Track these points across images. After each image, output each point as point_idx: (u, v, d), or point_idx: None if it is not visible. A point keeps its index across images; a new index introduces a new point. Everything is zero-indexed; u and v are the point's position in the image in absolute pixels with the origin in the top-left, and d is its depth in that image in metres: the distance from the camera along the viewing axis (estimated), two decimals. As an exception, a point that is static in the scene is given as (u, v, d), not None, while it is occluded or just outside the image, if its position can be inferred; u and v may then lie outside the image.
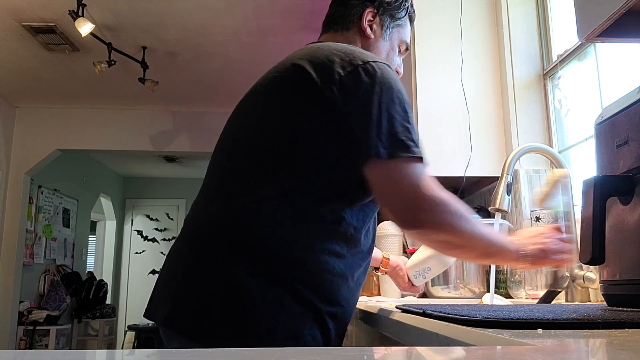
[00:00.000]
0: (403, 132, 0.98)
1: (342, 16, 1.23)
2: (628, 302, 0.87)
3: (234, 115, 1.16)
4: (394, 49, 1.26)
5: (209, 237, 1.01)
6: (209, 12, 3.64)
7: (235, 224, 0.99)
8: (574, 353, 0.50)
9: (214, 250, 0.99)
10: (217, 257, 0.98)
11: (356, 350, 0.61)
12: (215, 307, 0.94)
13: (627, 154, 0.87)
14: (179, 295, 0.99)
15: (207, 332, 0.93)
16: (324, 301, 0.98)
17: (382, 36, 1.23)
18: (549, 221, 1.88)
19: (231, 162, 1.08)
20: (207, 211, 1.06)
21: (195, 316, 0.95)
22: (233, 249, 0.97)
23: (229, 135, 1.13)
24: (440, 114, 2.22)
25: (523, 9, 2.28)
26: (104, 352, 1.68)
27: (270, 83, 1.10)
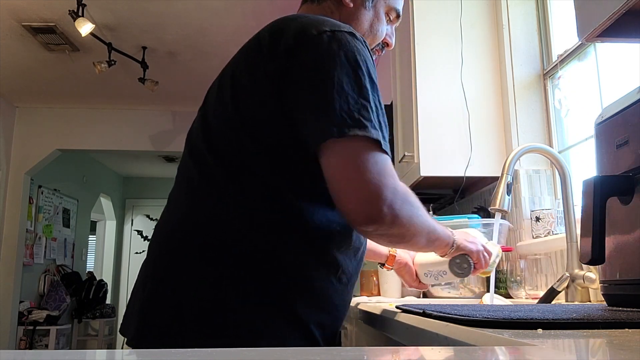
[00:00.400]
0: (359, 110, 0.84)
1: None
2: (628, 302, 0.87)
3: (204, 104, 1.07)
4: (379, 18, 1.11)
5: (179, 247, 0.92)
6: (209, 12, 3.64)
7: (208, 228, 0.90)
8: (574, 353, 0.50)
9: (186, 261, 0.90)
10: (190, 269, 0.89)
11: (356, 350, 0.61)
12: (188, 324, 0.86)
13: (627, 154, 0.87)
14: (146, 312, 0.91)
15: None
16: (311, 310, 0.90)
17: (363, 4, 1.09)
18: (550, 221, 1.88)
19: (198, 166, 0.97)
20: (178, 218, 0.96)
21: (164, 332, 0.87)
22: (207, 259, 0.88)
23: (198, 127, 1.02)
24: (440, 114, 2.21)
25: (523, 9, 2.28)
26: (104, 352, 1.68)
27: (234, 60, 1.01)
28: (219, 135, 0.94)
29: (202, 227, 0.91)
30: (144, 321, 0.91)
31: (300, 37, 0.89)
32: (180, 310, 0.87)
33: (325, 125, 0.83)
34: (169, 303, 0.89)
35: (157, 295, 0.91)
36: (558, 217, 1.85)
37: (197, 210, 0.93)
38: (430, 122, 2.21)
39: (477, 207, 2.27)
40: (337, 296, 0.95)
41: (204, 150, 0.96)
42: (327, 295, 0.93)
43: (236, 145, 0.91)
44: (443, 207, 2.80)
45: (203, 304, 0.86)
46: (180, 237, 0.93)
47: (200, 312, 0.86)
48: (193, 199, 0.95)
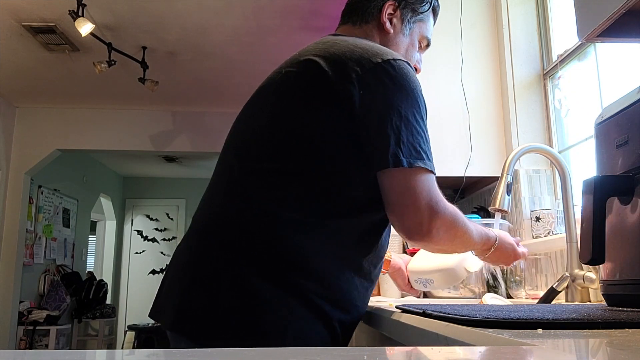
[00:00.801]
0: (421, 143, 0.96)
1: (361, 8, 1.16)
2: (628, 302, 0.87)
3: (244, 112, 1.11)
4: (413, 45, 1.20)
5: (216, 239, 0.98)
6: (209, 12, 3.64)
7: (246, 227, 0.96)
8: (574, 353, 0.50)
9: (223, 252, 0.96)
10: (227, 260, 0.95)
11: (356, 350, 0.61)
12: (225, 312, 0.92)
13: (627, 154, 0.87)
14: (187, 297, 0.96)
15: (215, 336, 0.91)
16: (336, 308, 0.97)
17: (402, 31, 1.17)
18: (550, 221, 1.88)
19: (241, 161, 1.02)
20: (216, 211, 1.02)
21: (204, 321, 0.93)
22: (243, 252, 0.94)
23: (239, 133, 1.08)
24: (440, 114, 2.22)
25: (523, 9, 2.28)
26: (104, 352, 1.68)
27: (282, 79, 1.03)
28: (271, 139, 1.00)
29: (236, 221, 0.97)
30: (183, 307, 0.96)
31: (367, 64, 0.96)
32: (217, 300, 0.93)
33: (394, 154, 0.92)
34: (207, 293, 0.95)
35: (197, 283, 0.96)
36: (558, 217, 1.85)
37: (232, 205, 0.99)
38: (430, 122, 2.20)
39: (477, 207, 2.27)
40: (359, 298, 1.03)
41: (249, 151, 1.02)
42: (351, 297, 1.00)
43: (287, 150, 0.98)
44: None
45: (235, 299, 0.92)
46: (214, 229, 0.99)
47: (233, 305, 0.92)
48: (230, 194, 1.01)
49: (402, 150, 0.92)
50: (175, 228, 8.25)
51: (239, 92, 5.05)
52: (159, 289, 1.07)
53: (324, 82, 0.96)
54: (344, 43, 1.02)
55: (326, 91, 0.96)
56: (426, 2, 1.20)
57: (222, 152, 1.11)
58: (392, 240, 1.91)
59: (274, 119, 1.01)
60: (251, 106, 1.10)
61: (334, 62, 0.97)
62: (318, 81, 0.97)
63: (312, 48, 1.04)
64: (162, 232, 8.28)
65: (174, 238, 8.23)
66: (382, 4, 1.15)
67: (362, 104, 0.94)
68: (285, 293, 0.92)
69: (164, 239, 8.26)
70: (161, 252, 8.20)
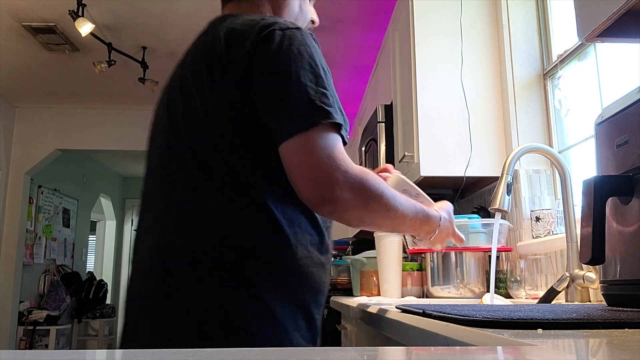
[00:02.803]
0: (319, 98, 0.88)
1: None
2: (628, 302, 0.87)
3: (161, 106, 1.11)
4: (305, 0, 1.18)
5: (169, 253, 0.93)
6: (209, 12, 3.62)
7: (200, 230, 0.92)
8: (574, 353, 0.50)
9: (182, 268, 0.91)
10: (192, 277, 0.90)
11: (356, 350, 0.61)
12: None
13: (627, 154, 0.87)
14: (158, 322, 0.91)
15: None
16: (310, 294, 0.94)
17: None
18: (550, 221, 1.88)
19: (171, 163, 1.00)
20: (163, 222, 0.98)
21: None
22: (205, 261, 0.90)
23: (163, 129, 1.07)
24: (440, 114, 2.22)
25: (523, 9, 2.28)
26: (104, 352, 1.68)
27: (187, 68, 1.03)
28: (192, 135, 0.96)
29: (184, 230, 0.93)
30: None
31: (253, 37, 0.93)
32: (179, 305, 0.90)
33: (290, 120, 0.87)
34: None
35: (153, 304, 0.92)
36: (558, 217, 1.85)
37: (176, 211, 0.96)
38: (430, 122, 2.21)
39: (477, 207, 2.27)
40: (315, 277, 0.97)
41: (179, 150, 0.99)
42: (321, 279, 0.96)
43: (210, 144, 0.93)
44: (443, 207, 2.80)
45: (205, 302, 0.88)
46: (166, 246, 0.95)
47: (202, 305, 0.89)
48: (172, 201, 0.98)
49: (298, 114, 0.87)
50: (175, 228, 8.25)
51: (239, 92, 5.04)
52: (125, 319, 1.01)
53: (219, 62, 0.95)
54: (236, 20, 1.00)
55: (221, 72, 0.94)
56: None
57: (149, 148, 1.13)
58: (391, 241, 1.92)
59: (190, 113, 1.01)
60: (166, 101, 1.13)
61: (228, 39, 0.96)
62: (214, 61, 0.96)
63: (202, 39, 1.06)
64: (162, 232, 8.27)
65: (174, 238, 8.23)
66: None
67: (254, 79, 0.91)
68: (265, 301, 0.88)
69: (164, 239, 8.25)
70: (161, 252, 8.19)
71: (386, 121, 2.79)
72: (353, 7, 3.48)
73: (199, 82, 0.97)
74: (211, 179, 0.93)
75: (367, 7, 3.51)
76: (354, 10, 3.51)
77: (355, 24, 3.68)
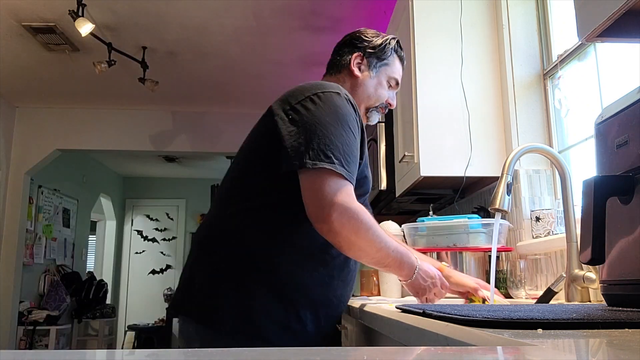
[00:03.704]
0: (333, 150, 1.14)
1: (336, 62, 1.48)
2: (628, 302, 0.87)
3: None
4: (381, 85, 1.46)
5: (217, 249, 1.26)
6: (209, 11, 3.64)
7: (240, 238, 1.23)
8: (574, 353, 0.50)
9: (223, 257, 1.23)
10: (227, 264, 1.22)
11: (356, 350, 0.61)
12: (225, 303, 1.17)
13: (627, 154, 0.87)
14: (190, 286, 1.24)
15: (215, 320, 1.17)
16: (315, 299, 1.22)
17: (369, 75, 1.45)
18: (550, 221, 1.88)
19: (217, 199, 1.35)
20: (215, 223, 1.30)
21: (206, 306, 1.19)
22: (240, 258, 1.21)
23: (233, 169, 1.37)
24: (440, 114, 2.21)
25: (523, 9, 2.28)
26: (104, 352, 1.68)
27: (258, 122, 1.33)
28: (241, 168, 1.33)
29: (217, 231, 1.28)
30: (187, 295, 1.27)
31: (300, 97, 1.23)
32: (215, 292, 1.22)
33: (302, 156, 1.14)
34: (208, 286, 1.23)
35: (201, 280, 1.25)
36: (558, 217, 1.85)
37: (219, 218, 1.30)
38: (430, 122, 2.21)
39: (477, 207, 2.27)
40: (340, 291, 1.29)
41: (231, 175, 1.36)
42: (328, 293, 1.26)
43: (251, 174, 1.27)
44: (443, 207, 2.80)
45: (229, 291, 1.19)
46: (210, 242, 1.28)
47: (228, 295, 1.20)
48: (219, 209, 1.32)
49: (309, 154, 1.13)
50: (175, 228, 8.25)
51: (239, 92, 5.05)
52: None
53: (270, 116, 1.24)
54: (300, 85, 1.29)
55: (271, 122, 1.23)
56: (387, 50, 1.47)
57: None
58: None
59: (248, 156, 1.32)
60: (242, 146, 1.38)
61: (281, 99, 1.26)
62: (269, 118, 1.25)
63: None
64: (162, 232, 8.27)
65: (174, 238, 8.23)
66: (351, 56, 1.45)
67: (291, 124, 1.19)
68: (272, 296, 1.18)
69: (164, 239, 8.26)
70: (161, 252, 8.19)
71: (386, 121, 2.79)
72: (353, 7, 3.48)
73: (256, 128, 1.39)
74: None
75: (367, 7, 3.51)
76: (354, 10, 3.51)
77: (355, 24, 3.68)
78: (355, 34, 1.49)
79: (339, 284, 1.27)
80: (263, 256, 1.20)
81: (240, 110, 5.37)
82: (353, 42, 1.47)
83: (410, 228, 1.94)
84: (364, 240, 1.17)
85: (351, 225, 1.13)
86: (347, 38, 1.50)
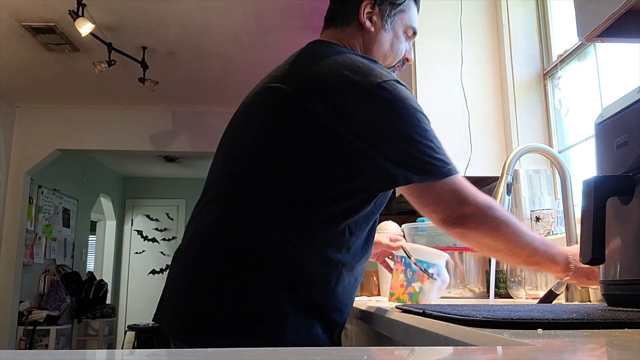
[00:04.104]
0: (429, 153, 0.98)
1: (340, 11, 1.19)
2: (628, 302, 0.86)
3: (232, 127, 1.16)
4: (398, 38, 1.22)
5: (213, 247, 1.02)
6: (209, 12, 3.64)
7: (239, 233, 1.00)
8: (574, 353, 0.50)
9: (221, 259, 1.00)
10: (224, 266, 0.99)
11: (356, 350, 0.61)
12: (223, 317, 0.96)
13: (627, 154, 0.87)
14: (187, 306, 1.00)
15: (215, 341, 0.95)
16: (326, 305, 1.01)
17: (383, 27, 1.18)
18: (550, 221, 1.88)
19: (232, 174, 1.08)
20: (212, 220, 1.06)
21: (205, 328, 0.96)
22: (239, 258, 0.98)
23: (230, 145, 1.13)
24: (440, 114, 2.21)
25: (523, 9, 2.28)
26: (104, 352, 1.68)
27: (269, 95, 1.07)
28: (257, 153, 1.05)
29: (233, 236, 1.02)
30: (181, 313, 1.03)
31: (353, 91, 0.99)
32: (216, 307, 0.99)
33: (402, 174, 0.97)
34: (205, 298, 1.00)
35: (194, 288, 1.02)
36: (558, 217, 1.85)
37: (221, 215, 1.05)
38: (430, 122, 2.21)
39: (477, 207, 2.27)
40: (349, 298, 1.08)
41: (238, 165, 1.07)
42: (338, 297, 1.04)
43: (272, 163, 1.02)
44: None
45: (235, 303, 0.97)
46: (214, 243, 1.03)
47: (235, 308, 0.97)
48: (219, 205, 1.07)
49: (410, 169, 0.97)
50: (175, 228, 8.25)
51: (239, 92, 5.03)
52: (162, 293, 1.10)
53: (306, 106, 1.00)
54: (329, 61, 1.04)
55: (310, 116, 0.99)
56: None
57: (212, 164, 1.16)
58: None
59: (259, 136, 1.06)
60: (238, 123, 1.14)
61: (318, 83, 1.01)
62: (301, 105, 1.01)
63: (296, 62, 1.08)
64: (162, 232, 8.27)
65: (174, 238, 8.23)
66: (359, 4, 1.16)
67: (352, 128, 0.97)
68: (282, 297, 0.96)
69: (164, 239, 8.26)
70: (161, 252, 8.19)
71: (386, 121, 2.79)
72: (353, 7, 3.48)
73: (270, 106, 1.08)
74: None
75: (367, 7, 3.50)
76: (354, 10, 3.51)
77: (355, 24, 3.68)
78: None
79: (355, 290, 1.14)
80: (316, 280, 1.01)
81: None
82: None
83: (410, 228, 1.94)
84: (502, 241, 1.03)
85: (487, 224, 1.01)
86: None
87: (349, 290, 1.06)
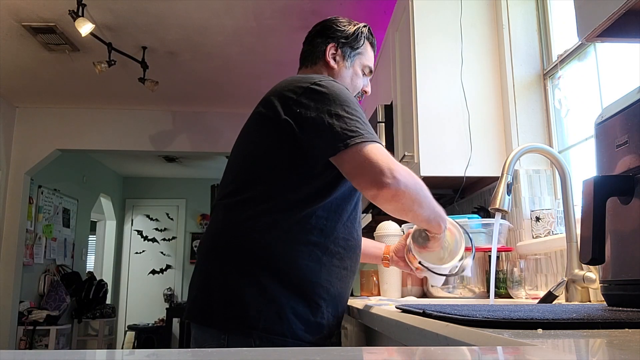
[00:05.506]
0: (357, 125, 1.16)
1: (310, 54, 1.46)
2: (628, 302, 0.87)
3: (232, 149, 1.40)
4: (357, 74, 1.47)
5: (205, 241, 1.30)
6: (209, 12, 3.64)
7: (225, 228, 1.25)
8: (574, 353, 0.50)
9: (210, 252, 1.26)
10: (210, 257, 1.25)
11: (356, 350, 0.61)
12: (215, 301, 1.19)
13: (627, 154, 0.87)
14: (194, 295, 1.26)
15: (212, 319, 1.18)
16: (308, 286, 1.19)
17: (344, 65, 1.45)
18: (550, 221, 1.88)
19: (220, 193, 1.34)
20: (213, 226, 1.31)
21: (203, 310, 1.21)
22: (226, 252, 1.22)
23: (231, 160, 1.36)
24: (440, 114, 2.21)
25: (523, 9, 2.28)
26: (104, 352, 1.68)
27: (253, 118, 1.31)
28: (243, 162, 1.30)
29: (227, 229, 1.26)
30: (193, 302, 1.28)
31: (299, 90, 1.23)
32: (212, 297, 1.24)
33: (333, 143, 1.14)
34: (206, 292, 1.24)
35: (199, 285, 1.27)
36: (558, 217, 1.85)
37: (217, 225, 1.29)
38: (430, 122, 2.21)
39: (477, 207, 2.27)
40: (339, 280, 1.26)
41: (234, 172, 1.32)
42: (323, 276, 1.22)
43: (256, 169, 1.26)
44: (443, 207, 2.79)
45: (225, 294, 1.20)
46: (209, 245, 1.28)
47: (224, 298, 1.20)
48: (215, 218, 1.31)
49: (339, 137, 1.14)
50: (175, 228, 8.25)
51: (239, 92, 5.05)
52: None
53: (275, 113, 1.23)
54: (289, 79, 1.30)
55: (276, 119, 1.22)
56: (360, 38, 1.47)
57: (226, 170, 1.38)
58: (391, 241, 1.91)
59: (239, 151, 1.32)
60: (235, 145, 1.37)
61: (281, 96, 1.24)
62: (271, 114, 1.24)
63: (272, 88, 1.32)
64: (162, 232, 8.27)
65: (174, 238, 8.23)
66: (325, 47, 1.44)
67: (300, 120, 1.18)
68: (260, 281, 1.17)
69: (164, 239, 8.26)
70: (161, 252, 8.19)
71: (386, 121, 2.79)
72: (353, 7, 3.48)
73: (256, 123, 1.33)
74: None
75: (367, 7, 3.51)
76: (354, 10, 3.51)
77: (355, 24, 3.68)
78: (327, 24, 1.48)
79: (349, 274, 1.30)
80: (283, 255, 1.19)
81: (241, 110, 5.36)
82: (326, 32, 1.46)
83: (410, 228, 1.93)
84: (418, 200, 1.20)
85: (414, 182, 1.16)
86: (318, 27, 1.48)
87: (329, 269, 1.21)
